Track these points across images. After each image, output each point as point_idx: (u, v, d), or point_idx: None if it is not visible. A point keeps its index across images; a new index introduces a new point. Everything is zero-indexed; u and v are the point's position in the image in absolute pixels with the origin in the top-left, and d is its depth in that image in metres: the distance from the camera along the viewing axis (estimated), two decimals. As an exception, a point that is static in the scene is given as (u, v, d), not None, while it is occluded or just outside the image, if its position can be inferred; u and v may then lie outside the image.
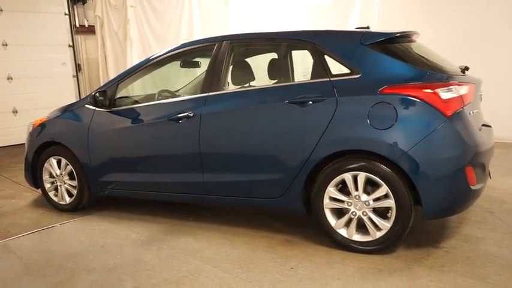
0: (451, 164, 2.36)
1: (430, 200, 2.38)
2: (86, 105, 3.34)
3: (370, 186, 2.54)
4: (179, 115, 2.93)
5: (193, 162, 2.92)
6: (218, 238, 2.96)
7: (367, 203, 2.53)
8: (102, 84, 3.41)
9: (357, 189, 2.54)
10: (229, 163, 2.83)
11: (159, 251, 2.79)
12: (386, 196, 2.48)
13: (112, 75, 6.90)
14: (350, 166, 2.52)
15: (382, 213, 2.54)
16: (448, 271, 2.38)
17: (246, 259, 2.61)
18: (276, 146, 2.66)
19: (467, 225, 2.98)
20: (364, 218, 2.56)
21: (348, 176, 2.54)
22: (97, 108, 3.27)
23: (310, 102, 2.56)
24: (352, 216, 2.59)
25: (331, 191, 2.61)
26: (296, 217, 3.06)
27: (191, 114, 2.90)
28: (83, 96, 7.52)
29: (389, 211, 2.50)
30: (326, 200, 2.63)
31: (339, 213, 2.66)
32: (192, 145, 2.90)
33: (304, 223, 3.08)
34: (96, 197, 3.51)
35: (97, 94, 3.22)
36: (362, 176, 2.51)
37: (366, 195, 2.54)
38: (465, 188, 2.40)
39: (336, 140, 2.50)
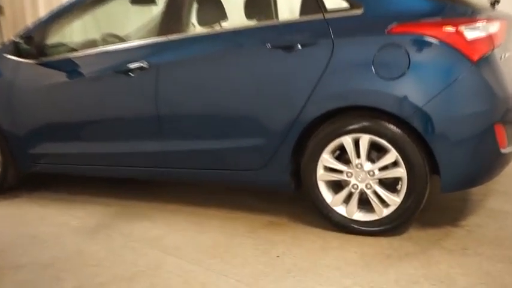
0: (476, 122, 2.35)
1: (450, 168, 2.38)
2: (6, 55, 3.24)
3: (376, 151, 2.54)
4: (129, 66, 2.90)
5: (149, 127, 2.91)
6: (183, 222, 2.96)
7: (371, 173, 2.53)
8: (28, 27, 3.32)
9: (358, 156, 2.53)
10: (196, 127, 2.82)
11: (108, 241, 2.79)
12: (395, 164, 2.48)
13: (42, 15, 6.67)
14: (350, 127, 2.50)
15: (390, 185, 2.55)
16: (471, 254, 2.40)
17: (220, 247, 2.62)
18: (255, 103, 2.65)
19: (494, 198, 2.99)
20: (368, 191, 2.56)
21: (347, 140, 2.52)
22: (22, 59, 3.18)
23: (299, 47, 2.52)
24: (353, 190, 2.59)
25: (326, 159, 2.59)
26: (282, 193, 3.09)
27: (145, 65, 2.87)
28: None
29: (399, 182, 2.50)
30: (320, 171, 2.62)
31: (336, 186, 2.67)
32: (147, 105, 2.89)
33: (293, 200, 3.11)
34: (25, 174, 3.49)
35: (20, 40, 3.11)
36: (365, 140, 2.49)
37: (369, 163, 2.54)
38: (493, 151, 2.39)
39: (332, 94, 2.48)
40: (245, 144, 2.71)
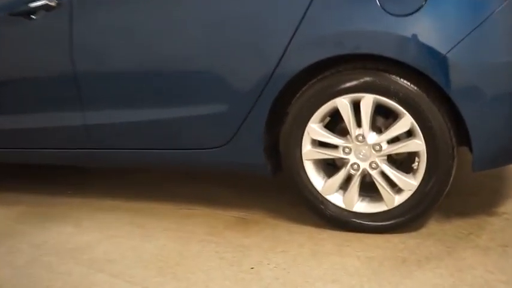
0: None
1: (485, 136, 2.30)
2: None
3: (383, 118, 2.45)
4: (30, 5, 2.78)
5: (63, 91, 2.84)
6: (121, 224, 2.91)
7: (377, 147, 2.42)
8: None
9: (359, 125, 2.42)
10: (129, 89, 2.75)
11: (12, 255, 2.69)
12: (410, 134, 2.38)
13: None
14: (347, 84, 2.38)
15: (403, 163, 2.48)
16: None
17: (171, 258, 2.54)
18: (214, 54, 2.57)
19: None
20: (373, 173, 2.46)
21: (343, 103, 2.40)
22: None
23: None
24: (353, 172, 2.50)
25: (314, 129, 2.48)
26: (256, 179, 3.01)
27: (53, 3, 2.77)
28: None
29: (416, 159, 2.41)
30: (306, 147, 2.52)
31: (330, 168, 2.59)
32: (58, 59, 2.80)
33: (270, 189, 3.06)
34: None
35: None
36: (368, 101, 2.37)
37: (375, 134, 2.44)
38: None
39: (322, 38, 2.38)
40: (201, 113, 2.64)
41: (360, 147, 2.43)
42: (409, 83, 2.29)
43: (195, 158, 2.74)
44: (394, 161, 2.45)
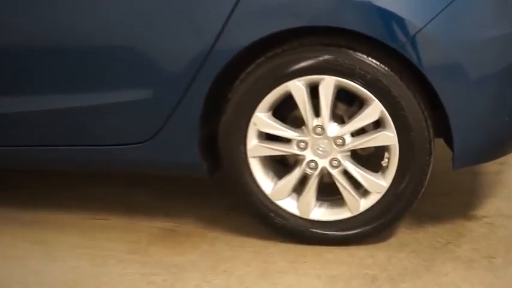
0: (507, 50, 2.30)
1: (468, 128, 2.32)
2: None
3: (346, 105, 2.45)
4: None
5: None
6: (16, 240, 2.79)
7: (339, 140, 2.39)
8: None
9: (317, 113, 2.39)
10: (26, 71, 2.66)
11: None
12: (378, 124, 2.37)
13: None
14: (302, 64, 2.35)
15: (369, 160, 2.49)
16: (501, 265, 2.33)
17: (84, 283, 2.45)
18: (135, 25, 2.50)
19: None
20: (334, 172, 2.43)
21: (297, 87, 2.37)
22: None
23: None
24: (309, 172, 2.46)
25: (262, 120, 2.44)
26: (188, 181, 2.97)
27: None
28: None
29: (386, 155, 2.41)
30: (252, 141, 2.47)
31: (281, 167, 2.57)
32: None
33: (207, 193, 3.04)
34: None
35: None
36: (328, 85, 2.34)
37: (336, 124, 2.41)
38: None
39: (270, 7, 2.34)
40: (119, 100, 2.58)
41: (318, 141, 2.39)
42: (378, 63, 2.27)
43: (112, 156, 2.69)
44: (359, 157, 2.45)
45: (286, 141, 2.44)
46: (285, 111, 2.47)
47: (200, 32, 2.40)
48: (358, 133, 2.39)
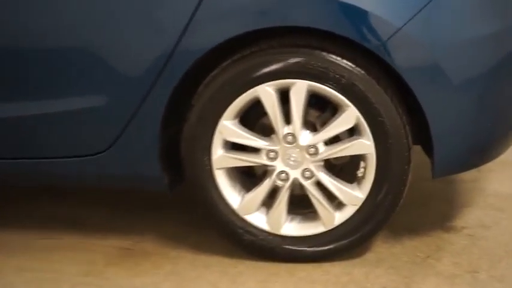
0: (493, 51, 2.29)
1: (450, 134, 2.31)
2: None
3: (318, 111, 2.41)
4: None
5: None
6: None
7: (312, 150, 2.35)
8: None
9: (288, 121, 2.34)
10: None
11: None
12: (354, 131, 2.35)
13: None
14: (272, 67, 2.30)
15: (344, 170, 2.45)
16: (485, 281, 2.31)
17: None
18: (89, 25, 2.43)
19: (496, 178, 3.00)
20: (307, 184, 2.38)
21: (267, 92, 2.32)
22: None
23: None
24: (280, 183, 2.41)
25: (228, 128, 2.39)
26: (146, 195, 2.94)
27: None
28: None
29: (361, 165, 2.39)
30: (217, 152, 2.42)
31: (248, 179, 2.53)
32: None
33: (166, 207, 2.98)
34: None
35: None
36: (300, 90, 2.30)
37: (308, 132, 2.36)
38: None
39: (237, 6, 2.31)
40: (71, 108, 2.51)
41: (289, 150, 2.34)
42: (353, 66, 2.23)
43: (65, 169, 2.60)
44: (333, 167, 2.41)
45: (255, 151, 2.39)
46: (253, 118, 2.43)
47: (160, 33, 2.35)
48: (332, 141, 2.34)
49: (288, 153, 2.34)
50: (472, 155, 2.43)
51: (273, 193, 2.41)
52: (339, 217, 2.36)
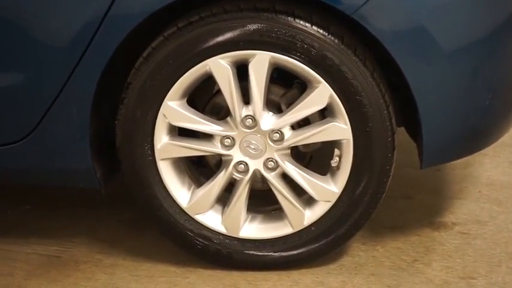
0: (490, 13, 2.25)
1: (441, 116, 2.28)
2: None
3: (283, 88, 2.37)
4: None
5: None
6: None
7: (276, 135, 2.31)
8: None
9: (247, 101, 2.30)
10: None
11: None
12: (327, 113, 2.31)
13: None
14: (227, 36, 2.24)
15: (315, 161, 2.47)
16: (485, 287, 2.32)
17: None
18: None
19: (491, 161, 3.01)
20: (270, 176, 2.35)
21: (221, 66, 2.27)
22: None
23: None
24: (238, 176, 2.38)
25: (174, 110, 2.33)
26: (79, 192, 2.78)
27: None
28: None
29: (336, 152, 2.32)
30: (161, 139, 2.37)
31: (199, 171, 2.53)
32: None
33: (99, 205, 2.92)
34: None
35: None
36: (262, 63, 2.24)
37: (272, 114, 2.33)
38: None
39: None
40: None
41: (248, 136, 2.29)
42: (325, 34, 2.16)
43: None
44: (302, 156, 2.38)
45: (207, 137, 2.34)
46: (203, 96, 2.40)
47: None
48: (300, 125, 2.30)
49: (248, 139, 2.29)
50: (467, 139, 2.41)
51: (230, 188, 2.37)
52: (310, 216, 2.31)
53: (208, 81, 2.33)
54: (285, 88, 2.34)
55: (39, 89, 2.36)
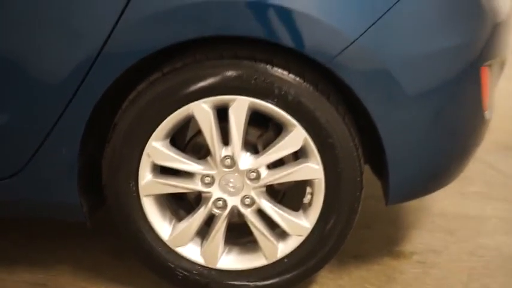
0: (452, 64, 2.23)
1: (407, 156, 2.25)
2: None
3: (259, 130, 2.31)
4: None
5: None
6: None
7: (253, 174, 2.25)
8: None
9: (226, 142, 2.24)
10: None
11: None
12: (300, 154, 2.26)
13: None
14: (209, 82, 2.18)
15: (288, 196, 2.37)
16: None
17: None
18: None
19: (445, 194, 2.95)
20: (247, 212, 2.29)
21: (203, 110, 2.22)
22: None
23: None
24: (217, 212, 2.31)
25: (158, 150, 2.26)
26: (64, 222, 2.71)
27: None
28: None
29: (308, 190, 2.29)
30: (146, 176, 2.29)
31: (181, 206, 2.42)
32: None
33: (90, 237, 2.81)
34: None
35: None
36: (241, 107, 2.21)
37: (249, 155, 2.27)
38: (475, 115, 2.34)
39: (169, 12, 2.14)
40: None
41: (227, 175, 2.24)
42: (301, 81, 2.13)
43: None
44: (275, 192, 2.32)
45: (188, 175, 2.27)
46: (184, 135, 2.32)
47: (81, 40, 2.17)
48: (275, 165, 2.24)
49: (226, 178, 2.24)
50: (430, 179, 2.40)
51: (208, 221, 2.31)
52: (283, 249, 2.27)
53: (189, 121, 2.28)
54: (261, 129, 2.28)
55: (31, 128, 2.29)
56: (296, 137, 2.16)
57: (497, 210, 2.98)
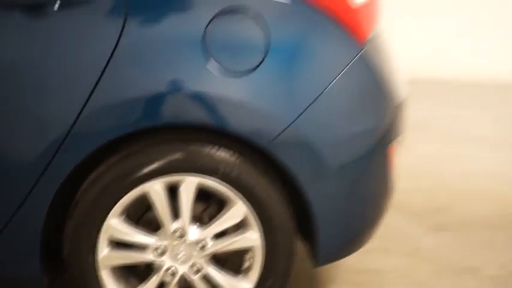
0: (370, 143, 2.31)
1: (333, 223, 2.30)
2: None
3: (203, 204, 2.33)
4: None
5: None
6: None
7: (201, 244, 2.29)
8: None
9: (176, 216, 2.27)
10: None
11: None
12: (241, 226, 2.30)
13: None
14: (160, 164, 2.22)
15: (230, 261, 2.37)
16: None
17: None
18: None
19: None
20: (195, 279, 2.32)
21: (156, 190, 2.24)
22: None
23: (57, 7, 2.14)
24: (168, 279, 2.33)
25: (115, 227, 2.28)
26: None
27: None
28: None
29: (246, 257, 2.34)
30: (103, 250, 2.29)
31: (136, 275, 2.38)
32: None
33: None
34: None
35: None
36: (190, 186, 2.24)
37: (196, 227, 2.30)
38: (386, 186, 2.41)
39: (127, 103, 2.17)
40: None
41: (178, 246, 2.26)
42: (243, 161, 2.20)
43: None
44: (218, 258, 2.31)
45: (142, 247, 2.26)
46: (138, 211, 2.29)
47: (45, 130, 2.16)
48: (220, 235, 2.27)
49: (177, 249, 2.26)
50: (353, 241, 2.43)
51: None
52: None
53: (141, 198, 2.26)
54: (205, 203, 2.29)
55: (5, 200, 2.24)
56: (238, 210, 2.21)
57: (396, 264, 3.01)
